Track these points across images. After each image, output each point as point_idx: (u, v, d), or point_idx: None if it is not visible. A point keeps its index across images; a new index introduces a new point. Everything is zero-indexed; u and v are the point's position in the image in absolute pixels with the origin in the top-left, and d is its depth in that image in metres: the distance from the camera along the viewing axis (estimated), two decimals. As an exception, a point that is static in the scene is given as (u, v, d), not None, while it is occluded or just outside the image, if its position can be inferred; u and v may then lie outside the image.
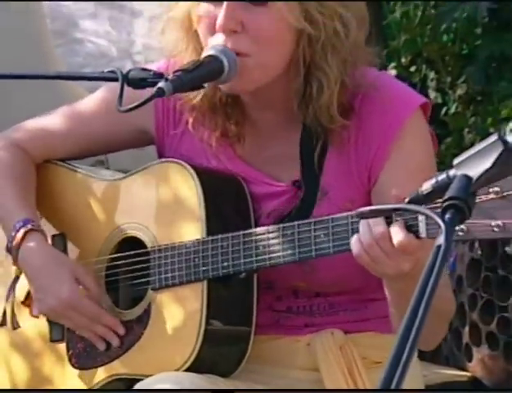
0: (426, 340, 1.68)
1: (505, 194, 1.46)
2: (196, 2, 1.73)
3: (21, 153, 1.88)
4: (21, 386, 1.89)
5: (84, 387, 1.81)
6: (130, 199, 1.82)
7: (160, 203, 1.79)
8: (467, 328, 2.78)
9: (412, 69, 3.48)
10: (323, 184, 1.75)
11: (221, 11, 1.68)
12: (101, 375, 1.80)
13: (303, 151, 1.77)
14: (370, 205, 1.68)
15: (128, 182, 1.84)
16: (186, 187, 1.76)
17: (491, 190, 1.48)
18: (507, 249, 2.72)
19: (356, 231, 1.59)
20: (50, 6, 3.89)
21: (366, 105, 1.73)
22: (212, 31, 1.71)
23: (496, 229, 1.46)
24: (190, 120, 1.80)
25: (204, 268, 1.72)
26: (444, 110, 3.48)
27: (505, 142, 1.29)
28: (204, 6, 1.71)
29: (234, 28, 1.69)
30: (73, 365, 1.83)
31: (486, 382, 2.78)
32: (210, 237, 1.73)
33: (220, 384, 1.71)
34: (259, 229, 1.71)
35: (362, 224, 1.57)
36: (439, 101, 3.54)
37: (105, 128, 1.87)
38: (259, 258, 1.70)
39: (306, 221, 1.67)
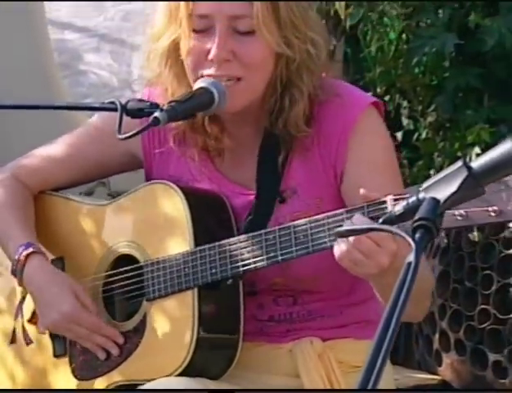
0: (414, 315, 1.69)
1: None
2: (184, 34, 1.73)
3: (20, 186, 1.89)
4: None
5: None
6: (121, 220, 1.82)
7: (150, 221, 1.79)
8: (437, 335, 2.78)
9: (387, 98, 3.48)
10: (288, 185, 1.76)
11: (214, 44, 1.70)
12: (102, 384, 1.80)
13: (262, 158, 1.78)
14: (340, 202, 1.70)
15: (118, 204, 1.84)
16: (173, 205, 1.76)
17: None
18: (473, 263, 2.72)
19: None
20: (57, 40, 3.89)
21: (323, 109, 1.76)
22: (202, 62, 1.72)
23: (492, 214, 1.43)
24: (173, 139, 1.81)
25: (194, 276, 1.73)
26: (416, 135, 3.48)
27: (469, 168, 1.29)
28: (193, 40, 1.72)
29: (227, 57, 1.71)
30: (76, 377, 1.83)
31: (454, 385, 2.77)
32: (198, 248, 1.73)
33: (210, 386, 1.71)
34: (242, 237, 1.71)
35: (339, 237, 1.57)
36: (411, 127, 3.53)
37: (98, 156, 1.87)
38: (245, 263, 1.70)
39: (285, 225, 1.68)
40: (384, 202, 1.56)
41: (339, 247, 1.57)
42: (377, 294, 1.66)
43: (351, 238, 1.55)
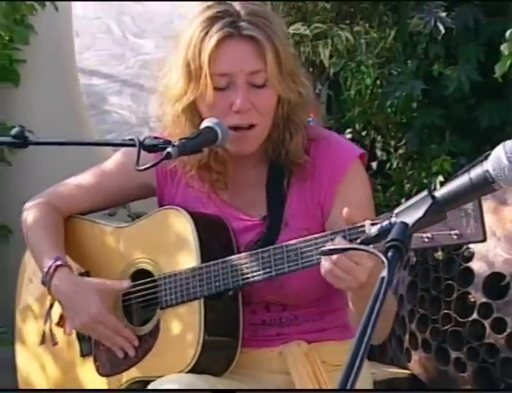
0: (378, 336, 1.68)
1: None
2: (207, 91, 1.71)
3: (53, 210, 1.89)
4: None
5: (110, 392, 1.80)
6: (138, 240, 1.82)
7: (163, 241, 1.78)
8: (407, 336, 2.77)
9: (364, 133, 3.49)
10: (286, 216, 1.75)
11: (237, 97, 1.70)
12: (122, 379, 1.79)
13: (269, 190, 1.77)
14: (323, 232, 1.68)
15: (136, 226, 1.84)
16: (183, 228, 1.75)
17: None
18: (437, 274, 2.71)
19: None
20: (85, 85, 3.90)
21: (319, 150, 1.77)
22: (226, 114, 1.71)
23: (454, 237, 1.43)
24: (184, 177, 1.81)
25: (200, 288, 1.72)
26: (388, 165, 3.48)
27: (433, 197, 1.29)
28: (215, 96, 1.71)
29: (248, 107, 1.71)
30: (100, 373, 1.82)
31: (422, 378, 2.76)
32: (204, 264, 1.72)
33: (214, 381, 1.70)
34: (242, 255, 1.71)
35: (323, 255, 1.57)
36: (384, 158, 3.53)
37: (119, 186, 1.87)
38: (244, 277, 1.69)
39: (278, 245, 1.67)
40: (363, 226, 1.55)
41: (324, 265, 1.57)
42: (351, 303, 1.65)
43: (334, 257, 1.55)
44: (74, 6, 3.41)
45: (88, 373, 1.84)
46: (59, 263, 1.80)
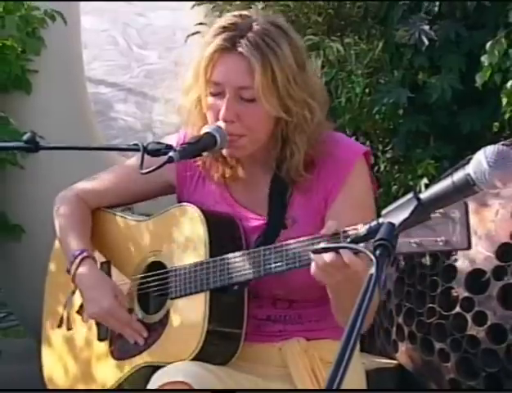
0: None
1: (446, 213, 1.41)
2: (204, 94, 1.72)
3: (81, 202, 1.90)
4: (73, 374, 1.88)
5: (121, 374, 1.81)
6: (155, 233, 1.82)
7: (177, 236, 1.78)
8: (394, 328, 2.76)
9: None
10: (291, 216, 1.74)
11: (223, 106, 1.69)
12: (132, 363, 1.79)
13: (272, 193, 1.77)
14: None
15: (153, 221, 1.84)
16: (195, 224, 1.75)
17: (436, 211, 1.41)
18: (422, 271, 2.71)
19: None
20: (93, 93, 3.90)
21: (324, 156, 1.72)
22: (217, 117, 1.71)
23: (440, 243, 1.42)
24: (200, 168, 1.81)
25: (207, 281, 1.71)
26: (376, 168, 3.48)
27: (418, 199, 1.29)
28: (210, 100, 1.72)
29: (232, 118, 1.69)
30: (113, 357, 1.83)
31: (408, 368, 2.76)
32: (211, 259, 1.72)
33: (216, 370, 1.69)
34: (246, 252, 1.70)
35: (315, 253, 1.55)
36: (373, 162, 3.53)
37: (142, 184, 1.86)
38: (246, 272, 1.68)
39: (279, 244, 1.66)
40: (356, 229, 1.53)
41: (314, 263, 1.55)
42: (331, 295, 1.64)
43: (328, 258, 1.53)
44: (82, 19, 3.41)
45: (103, 356, 1.85)
46: (85, 254, 1.82)
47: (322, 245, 1.54)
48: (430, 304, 2.65)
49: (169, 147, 1.73)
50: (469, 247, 1.42)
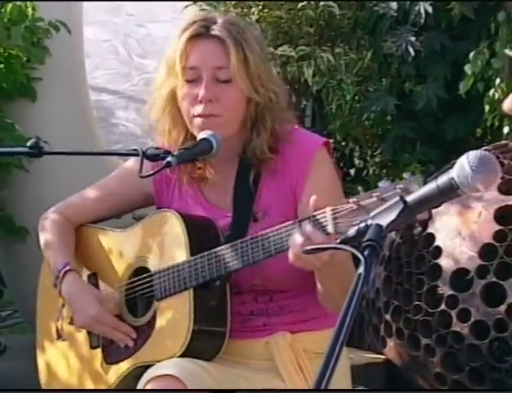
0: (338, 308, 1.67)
1: (383, 197, 1.46)
2: (179, 84, 1.74)
3: (65, 219, 1.91)
4: (71, 383, 1.88)
5: (115, 377, 1.80)
6: (137, 240, 1.82)
7: (158, 240, 1.79)
8: (383, 325, 2.76)
9: (344, 144, 3.49)
10: (261, 209, 1.75)
11: (201, 88, 1.72)
12: (125, 366, 1.79)
13: (237, 185, 1.78)
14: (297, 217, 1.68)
15: (134, 230, 1.84)
16: (175, 228, 1.76)
17: (373, 194, 1.46)
18: (409, 270, 2.71)
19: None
20: (95, 101, 3.90)
21: (287, 146, 1.77)
22: (193, 104, 1.74)
23: None
24: (177, 182, 1.82)
25: (189, 279, 1.72)
26: (365, 172, 3.48)
27: (404, 202, 1.29)
28: (186, 88, 1.74)
29: (211, 98, 1.73)
30: (106, 362, 1.82)
31: (396, 362, 2.76)
32: (192, 258, 1.72)
33: (204, 365, 1.70)
34: (224, 247, 1.71)
35: (292, 239, 1.57)
36: (362, 166, 3.54)
37: (121, 197, 1.89)
38: (226, 266, 1.69)
39: (255, 236, 1.67)
40: (325, 212, 1.56)
41: (291, 250, 1.58)
42: (318, 283, 1.67)
43: (299, 241, 1.54)
44: (85, 30, 3.40)
45: (97, 362, 1.85)
46: (68, 268, 1.83)
47: (312, 246, 1.54)
48: (417, 302, 2.65)
49: (167, 153, 1.73)
50: (430, 217, 1.42)
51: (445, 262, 2.63)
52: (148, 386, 1.65)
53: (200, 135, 1.75)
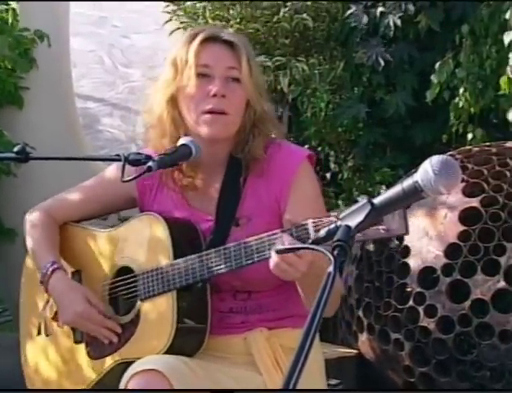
0: (329, 311, 1.67)
1: None
2: (188, 83, 1.74)
3: (50, 218, 1.88)
4: (54, 376, 1.86)
5: (99, 371, 1.79)
6: (121, 241, 1.81)
7: (142, 242, 1.77)
8: (355, 321, 2.77)
9: (319, 149, 3.50)
10: (244, 215, 1.74)
11: (214, 85, 1.72)
12: (109, 361, 1.78)
13: (222, 190, 1.76)
14: (282, 226, 1.67)
15: (119, 231, 1.83)
16: (158, 230, 1.75)
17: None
18: (379, 268, 2.72)
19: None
20: (81, 108, 3.88)
21: (273, 154, 1.77)
22: (204, 100, 1.73)
23: (382, 231, 1.44)
24: (160, 186, 1.81)
25: (173, 281, 1.71)
26: (340, 176, 3.50)
27: (372, 204, 1.30)
28: (197, 82, 1.73)
29: (224, 93, 1.73)
30: (90, 357, 1.81)
31: (367, 356, 2.77)
32: (176, 261, 1.71)
33: (186, 360, 1.69)
34: (208, 252, 1.70)
35: (273, 252, 1.56)
36: (336, 170, 3.55)
37: (105, 199, 1.87)
38: (209, 270, 1.68)
39: (238, 243, 1.66)
40: (307, 224, 1.56)
41: (272, 259, 1.57)
42: (300, 290, 1.66)
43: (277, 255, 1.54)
44: (71, 40, 3.39)
45: (81, 357, 1.83)
46: (55, 266, 1.80)
47: (284, 246, 1.54)
48: (387, 299, 2.67)
49: (148, 158, 1.73)
50: (406, 233, 1.43)
51: (413, 261, 2.65)
52: (132, 381, 1.63)
53: (180, 141, 1.75)
